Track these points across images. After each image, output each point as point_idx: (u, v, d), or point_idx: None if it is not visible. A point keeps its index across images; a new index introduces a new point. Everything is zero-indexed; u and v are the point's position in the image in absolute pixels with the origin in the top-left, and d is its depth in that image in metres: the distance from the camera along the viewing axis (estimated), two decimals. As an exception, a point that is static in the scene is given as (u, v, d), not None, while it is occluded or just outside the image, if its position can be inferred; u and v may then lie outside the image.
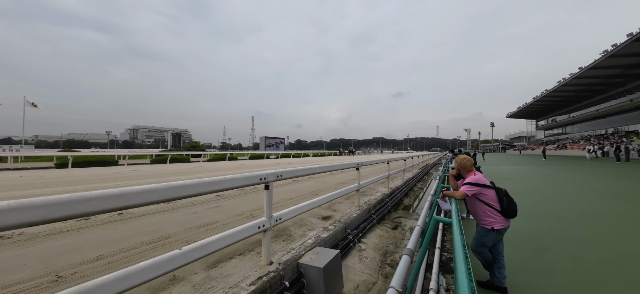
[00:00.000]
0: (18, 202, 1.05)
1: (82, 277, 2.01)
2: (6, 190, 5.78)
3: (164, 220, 3.63)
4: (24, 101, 29.37)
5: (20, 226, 1.08)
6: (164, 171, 11.09)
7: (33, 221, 1.08)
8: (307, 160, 23.57)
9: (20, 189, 5.89)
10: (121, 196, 1.36)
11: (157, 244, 2.74)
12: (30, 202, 1.07)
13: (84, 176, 9.02)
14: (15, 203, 1.04)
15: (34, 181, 7.32)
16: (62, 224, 3.31)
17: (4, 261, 2.29)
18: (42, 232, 3.01)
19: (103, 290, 1.27)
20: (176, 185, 1.65)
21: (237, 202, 4.95)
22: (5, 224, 1.03)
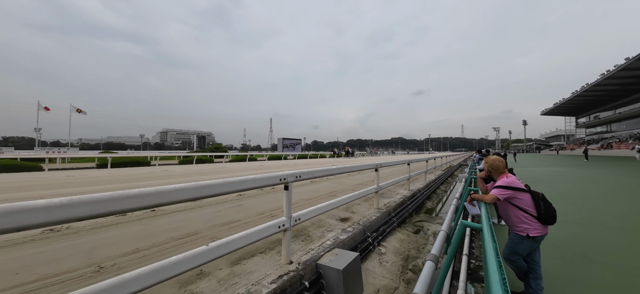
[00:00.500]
0: (68, 199, 1.17)
1: (120, 268, 2.19)
2: (57, 188, 6.50)
3: (191, 217, 3.84)
4: (70, 108, 32.89)
5: (70, 221, 1.20)
6: (191, 171, 11.76)
7: (81, 216, 1.20)
8: (321, 161, 23.60)
9: (68, 187, 6.59)
10: (156, 194, 1.46)
11: (186, 240, 2.90)
12: (79, 199, 1.19)
13: (121, 175, 9.85)
14: (67, 200, 1.16)
15: (79, 180, 8.15)
16: (103, 220, 3.64)
17: (54, 252, 2.57)
18: (86, 226, 3.33)
19: (140, 282, 1.37)
20: (204, 184, 1.74)
21: (257, 201, 5.09)
22: (58, 219, 1.15)
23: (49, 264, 2.26)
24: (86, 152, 26.59)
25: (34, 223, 1.05)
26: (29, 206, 1.05)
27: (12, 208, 0.99)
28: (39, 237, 2.95)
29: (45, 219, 1.08)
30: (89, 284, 1.29)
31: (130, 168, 13.91)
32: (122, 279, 1.31)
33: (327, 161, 23.39)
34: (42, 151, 23.89)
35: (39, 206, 1.06)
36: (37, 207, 1.06)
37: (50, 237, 2.97)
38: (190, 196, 1.69)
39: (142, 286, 1.39)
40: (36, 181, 7.87)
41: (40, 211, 1.06)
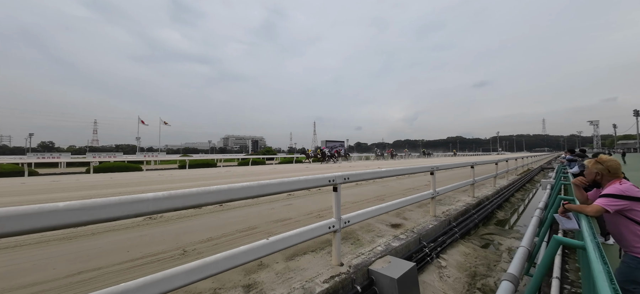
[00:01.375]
0: (168, 193, 1.46)
1: (199, 253, 2.60)
2: (154, 183, 8.21)
3: (250, 213, 4.28)
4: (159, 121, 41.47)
5: (170, 211, 1.49)
6: (248, 171, 13.15)
7: (176, 207, 1.48)
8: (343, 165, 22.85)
9: (161, 184, 8.23)
10: (228, 191, 1.68)
11: (247, 232, 3.25)
12: (175, 193, 1.47)
13: (197, 174, 11.77)
14: (167, 194, 1.45)
15: (167, 178, 10.09)
16: (187, 211, 4.40)
17: (153, 236, 3.24)
18: (174, 217, 4.09)
19: (217, 266, 1.59)
20: (265, 184, 1.91)
21: (305, 201, 5.30)
22: (161, 208, 1.44)
23: (149, 246, 2.87)
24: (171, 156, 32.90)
25: (146, 211, 1.36)
26: (143, 198, 1.36)
27: (135, 199, 1.30)
28: (142, 223, 3.77)
29: (154, 208, 1.38)
30: (179, 264, 1.58)
31: (202, 169, 16.48)
32: (204, 263, 1.55)
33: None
34: (141, 155, 30.75)
35: (149, 198, 1.36)
36: (148, 199, 1.36)
37: (150, 224, 3.77)
38: (254, 194, 1.88)
39: (218, 270, 1.61)
40: (139, 178, 10.13)
41: (150, 201, 1.36)
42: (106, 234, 3.22)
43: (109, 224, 3.54)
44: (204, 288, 1.96)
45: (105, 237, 3.14)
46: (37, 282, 2.06)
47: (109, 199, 1.23)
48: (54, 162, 19.43)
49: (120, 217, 1.29)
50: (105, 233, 3.26)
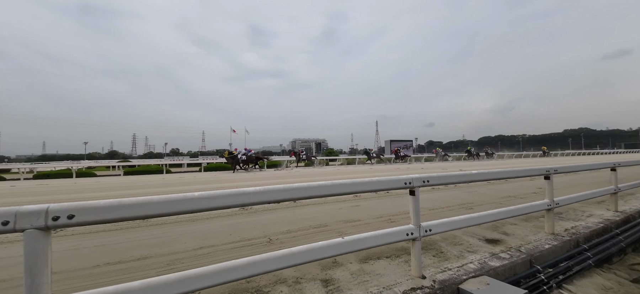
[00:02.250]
0: (263, 188, 1.69)
1: (281, 243, 2.91)
2: (245, 180, 9.83)
3: (319, 211, 4.49)
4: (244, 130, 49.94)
5: (263, 203, 1.72)
6: (314, 172, 13.93)
7: (269, 200, 1.69)
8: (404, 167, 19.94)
9: (249, 181, 9.77)
10: (307, 189, 1.80)
11: (319, 229, 3.41)
12: (268, 189, 1.68)
13: (274, 174, 13.39)
14: (261, 189, 1.68)
15: (252, 176, 11.89)
16: (270, 204, 5.04)
17: (247, 224, 3.84)
18: (260, 209, 4.75)
19: (300, 257, 1.73)
20: (339, 183, 1.94)
21: (373, 204, 5.11)
22: (255, 201, 1.68)
23: (244, 232, 3.43)
24: (252, 157, 38.95)
25: (247, 202, 1.61)
26: (246, 191, 1.62)
27: (240, 192, 1.56)
28: (239, 212, 4.55)
29: (252, 200, 1.62)
30: (268, 251, 1.80)
31: (276, 169, 18.61)
32: (290, 252, 1.71)
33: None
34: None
35: (250, 192, 1.61)
36: (249, 192, 1.61)
37: (243, 213, 4.51)
38: (329, 192, 1.95)
39: (300, 261, 1.75)
40: (232, 177, 12.35)
41: (251, 195, 1.61)
42: (216, 219, 4.06)
43: (219, 211, 4.45)
44: (288, 275, 2.17)
45: (216, 221, 3.96)
46: (177, 251, 2.80)
47: (225, 191, 1.53)
48: (180, 163, 26.45)
49: (230, 206, 1.58)
50: (215, 218, 4.11)
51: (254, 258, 1.62)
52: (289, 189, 1.71)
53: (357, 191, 2.01)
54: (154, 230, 3.60)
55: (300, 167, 21.00)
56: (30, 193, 8.11)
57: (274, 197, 1.66)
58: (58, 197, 7.09)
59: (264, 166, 19.72)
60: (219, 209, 1.57)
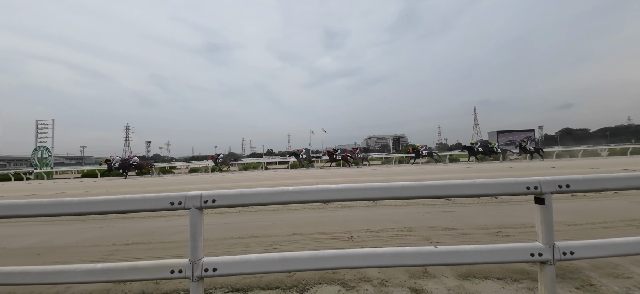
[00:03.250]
0: (343, 186, 1.75)
1: (363, 241, 2.92)
2: (328, 177, 10.53)
3: (402, 213, 4.17)
4: (321, 130, 53.49)
5: (345, 200, 1.78)
6: (393, 171, 13.11)
7: (349, 198, 1.74)
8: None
9: (331, 177, 10.38)
10: (389, 189, 1.72)
11: (404, 233, 3.17)
12: (350, 186, 1.72)
13: (353, 172, 13.66)
14: (342, 186, 1.74)
15: (331, 173, 12.54)
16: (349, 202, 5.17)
17: (328, 218, 4.08)
18: (338, 206, 4.95)
19: (385, 259, 1.67)
20: (427, 185, 1.74)
21: (474, 211, 4.25)
22: (339, 198, 1.75)
23: (326, 225, 3.66)
24: (330, 156, 41.23)
25: (331, 198, 1.71)
26: (330, 188, 1.73)
27: (325, 189, 1.68)
28: (321, 207, 4.92)
29: (336, 197, 1.70)
30: (350, 247, 1.84)
31: (354, 167, 18.84)
32: (375, 252, 1.68)
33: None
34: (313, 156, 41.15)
35: (332, 189, 1.71)
36: (331, 189, 1.71)
37: (324, 208, 4.83)
38: (416, 194, 1.77)
39: (388, 264, 1.68)
40: (313, 173, 13.46)
41: (333, 191, 1.70)
42: (303, 211, 4.57)
43: (305, 204, 4.98)
44: (372, 275, 2.14)
45: (302, 213, 4.46)
46: (276, 234, 3.34)
47: (313, 187, 1.68)
48: (273, 161, 31.52)
49: (317, 200, 1.73)
50: (302, 210, 4.62)
51: (340, 252, 1.69)
52: (370, 188, 1.69)
53: (447, 195, 1.73)
54: (260, 215, 4.45)
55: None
56: (187, 183, 11.82)
57: (354, 195, 1.68)
58: (203, 186, 10.00)
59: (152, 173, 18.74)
60: (307, 202, 1.75)
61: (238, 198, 1.75)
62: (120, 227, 4.06)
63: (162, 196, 1.69)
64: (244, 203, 1.76)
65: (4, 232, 4.01)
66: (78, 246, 3.27)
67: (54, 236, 3.74)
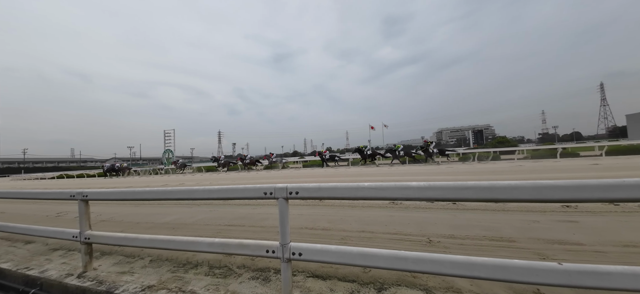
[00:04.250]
0: (461, 184, 1.60)
1: (445, 247, 2.61)
2: (392, 175, 10.00)
3: (496, 220, 3.48)
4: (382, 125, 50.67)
5: (427, 200, 1.63)
6: (476, 169, 11.10)
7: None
8: None
9: (397, 175, 9.79)
10: (490, 189, 1.46)
11: (500, 244, 2.65)
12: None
13: (415, 170, 12.46)
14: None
15: (398, 172, 11.75)
16: (422, 202, 4.74)
17: (399, 218, 3.85)
18: (411, 206, 4.59)
19: (483, 270, 1.43)
20: (547, 185, 1.38)
21: (608, 221, 3.11)
22: (421, 197, 1.62)
23: (397, 225, 3.46)
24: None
25: (411, 197, 1.60)
26: (409, 185, 1.62)
27: (403, 186, 1.59)
28: (388, 206, 4.69)
29: (417, 195, 1.59)
30: (428, 251, 1.66)
31: (416, 166, 17.06)
32: (470, 261, 1.47)
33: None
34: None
35: (412, 187, 1.60)
36: (411, 187, 1.59)
37: (392, 207, 4.58)
38: (525, 196, 1.44)
39: (486, 276, 1.44)
40: (376, 171, 12.97)
41: (414, 189, 1.59)
42: (371, 209, 4.49)
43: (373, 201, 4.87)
44: (462, 286, 1.89)
45: (371, 211, 4.38)
46: (346, 229, 3.41)
47: (391, 183, 1.62)
48: (306, 160, 32.39)
49: (394, 198, 1.66)
50: (370, 208, 4.55)
51: (424, 255, 1.57)
52: (461, 187, 1.48)
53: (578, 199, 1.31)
54: (329, 209, 4.66)
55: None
56: (269, 177, 13.59)
57: (439, 194, 1.51)
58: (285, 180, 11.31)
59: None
60: (383, 199, 1.71)
61: (317, 192, 1.88)
62: (223, 211, 5.08)
63: (257, 187, 2.02)
64: (322, 196, 1.89)
65: (151, 211, 5.69)
66: (196, 225, 4.30)
67: (181, 215, 5.05)
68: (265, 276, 2.34)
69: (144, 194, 2.52)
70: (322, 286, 2.07)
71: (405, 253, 1.61)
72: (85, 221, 2.65)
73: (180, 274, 2.50)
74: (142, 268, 2.72)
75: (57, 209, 6.30)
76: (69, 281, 2.55)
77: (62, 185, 18.83)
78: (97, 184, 17.99)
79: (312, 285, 2.09)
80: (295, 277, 2.21)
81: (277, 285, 2.16)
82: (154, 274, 2.55)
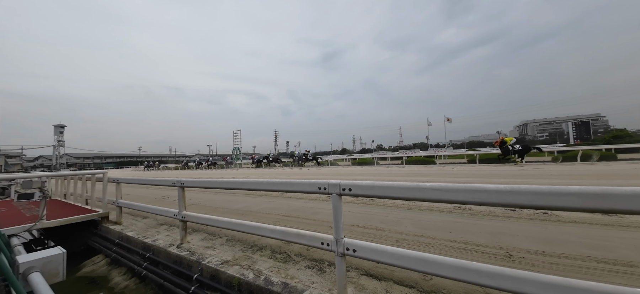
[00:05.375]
0: (511, 187, 1.36)
1: (532, 265, 2.16)
2: (459, 176, 8.91)
3: (610, 237, 2.65)
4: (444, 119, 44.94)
5: (507, 206, 1.38)
6: (577, 172, 8.66)
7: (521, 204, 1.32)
8: None
9: (455, 177, 8.66)
10: (605, 196, 1.13)
11: (612, 268, 2.01)
12: (519, 188, 1.32)
13: (491, 171, 10.62)
14: (510, 187, 1.35)
15: (460, 172, 10.35)
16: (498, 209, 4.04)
17: (466, 225, 3.38)
18: (483, 212, 3.96)
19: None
20: None
21: None
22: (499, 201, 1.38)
23: (465, 233, 3.05)
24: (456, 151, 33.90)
25: (487, 202, 1.39)
26: (484, 188, 1.41)
27: (476, 188, 1.39)
28: (453, 210, 4.17)
29: (495, 200, 1.36)
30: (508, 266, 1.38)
31: (498, 165, 14.41)
32: (569, 284, 1.18)
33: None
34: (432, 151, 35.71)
35: (489, 189, 1.37)
36: (488, 190, 1.38)
37: (459, 213, 4.05)
38: None
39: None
40: (436, 171, 11.70)
41: (491, 193, 1.37)
42: (428, 212, 4.11)
43: (432, 204, 4.47)
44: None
45: (428, 214, 4.01)
46: (401, 232, 3.23)
47: (462, 185, 1.45)
48: (384, 157, 30.82)
49: (466, 202, 1.47)
50: (427, 211, 4.17)
51: (502, 269, 1.35)
52: (561, 193, 1.19)
53: None
54: (380, 209, 4.50)
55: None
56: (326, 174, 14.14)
57: (525, 200, 1.25)
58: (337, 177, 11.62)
59: None
60: (448, 202, 1.54)
61: (370, 189, 1.85)
62: (280, 202, 5.58)
63: (312, 182, 2.13)
64: (375, 195, 1.84)
65: (225, 198, 6.71)
66: (260, 213, 4.85)
67: (248, 204, 5.79)
68: (319, 266, 2.47)
69: (222, 183, 3.02)
70: (377, 286, 2.03)
71: (477, 265, 1.41)
72: (182, 203, 3.35)
73: (249, 254, 2.89)
74: (221, 245, 3.27)
75: (162, 194, 8.18)
76: (172, 249, 3.30)
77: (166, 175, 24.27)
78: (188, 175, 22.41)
79: (366, 283, 2.08)
80: (348, 273, 2.24)
81: (331, 277, 2.24)
82: (230, 251, 3.03)
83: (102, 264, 4.39)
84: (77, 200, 6.70)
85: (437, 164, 18.61)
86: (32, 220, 4.44)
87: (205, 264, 2.74)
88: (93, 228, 5.11)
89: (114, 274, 3.94)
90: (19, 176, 5.62)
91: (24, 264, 2.28)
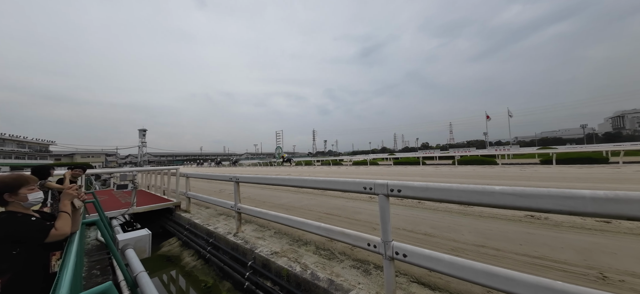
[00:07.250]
0: (614, 193, 1.08)
1: (634, 291, 1.68)
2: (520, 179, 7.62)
3: None
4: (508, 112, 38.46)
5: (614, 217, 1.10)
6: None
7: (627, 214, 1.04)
8: None
9: (528, 180, 7.36)
10: None
11: None
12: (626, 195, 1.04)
13: (580, 173, 8.69)
14: (612, 194, 1.08)
15: (542, 175, 8.75)
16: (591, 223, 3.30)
17: (543, 237, 2.84)
18: (566, 222, 3.28)
19: None
20: None
21: None
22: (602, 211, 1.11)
23: (542, 248, 2.56)
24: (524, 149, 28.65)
25: (583, 211, 1.13)
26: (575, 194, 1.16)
27: (569, 194, 1.15)
28: (524, 219, 3.56)
29: (594, 209, 1.10)
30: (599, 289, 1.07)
31: (583, 166, 11.69)
32: None
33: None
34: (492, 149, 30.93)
35: (586, 195, 1.12)
36: (585, 196, 1.12)
37: (533, 223, 3.43)
38: None
39: None
40: (498, 172, 10.15)
41: (588, 201, 1.11)
42: (492, 220, 3.61)
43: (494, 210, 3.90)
44: None
45: (492, 223, 3.52)
46: (457, 240, 2.91)
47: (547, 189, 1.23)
48: (432, 156, 28.19)
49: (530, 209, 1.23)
50: (490, 219, 3.67)
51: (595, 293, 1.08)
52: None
53: None
54: (429, 213, 4.16)
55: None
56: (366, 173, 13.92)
57: (624, 210, 0.97)
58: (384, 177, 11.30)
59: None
60: (526, 209, 1.31)
61: (423, 191, 1.72)
62: (321, 200, 5.70)
63: (358, 181, 2.10)
64: (428, 197, 1.70)
65: (271, 193, 7.17)
66: (303, 209, 5.04)
67: (291, 200, 6.08)
68: (365, 267, 2.42)
69: (271, 180, 3.24)
70: (430, 296, 1.88)
71: (563, 284, 1.17)
72: (237, 196, 3.73)
73: (295, 248, 3.03)
74: (270, 236, 3.52)
75: (220, 187, 9.27)
76: (229, 237, 3.70)
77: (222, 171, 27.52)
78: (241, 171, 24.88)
79: (418, 291, 1.95)
80: (397, 278, 2.14)
81: (378, 280, 2.17)
82: (278, 243, 3.24)
83: (176, 245, 5.22)
84: (157, 191, 8.14)
85: (499, 164, 16.13)
86: (126, 206, 5.60)
87: (257, 253, 2.99)
88: (169, 215, 6.13)
89: (185, 255, 4.65)
90: (117, 170, 7.16)
91: (122, 241, 2.89)
